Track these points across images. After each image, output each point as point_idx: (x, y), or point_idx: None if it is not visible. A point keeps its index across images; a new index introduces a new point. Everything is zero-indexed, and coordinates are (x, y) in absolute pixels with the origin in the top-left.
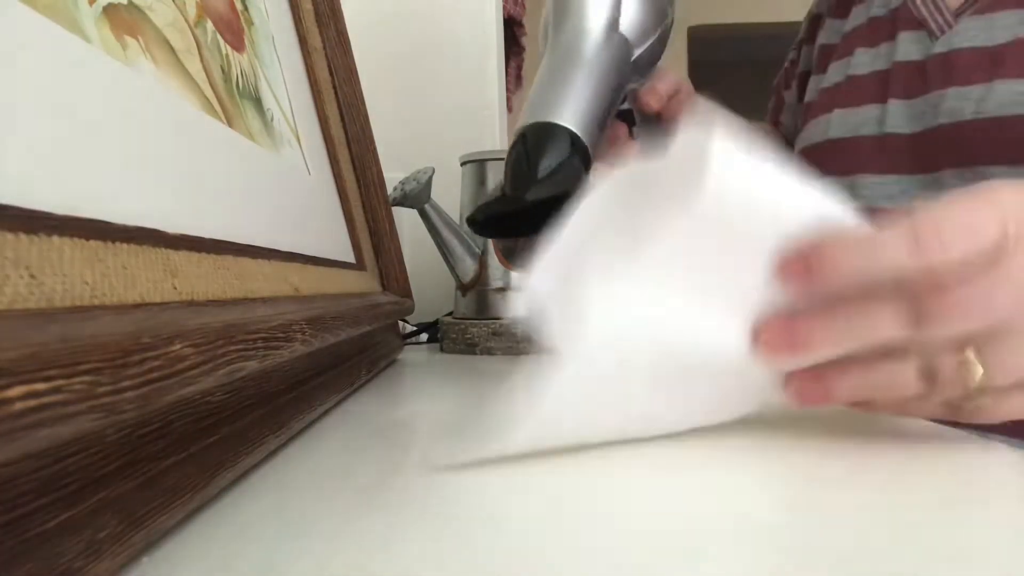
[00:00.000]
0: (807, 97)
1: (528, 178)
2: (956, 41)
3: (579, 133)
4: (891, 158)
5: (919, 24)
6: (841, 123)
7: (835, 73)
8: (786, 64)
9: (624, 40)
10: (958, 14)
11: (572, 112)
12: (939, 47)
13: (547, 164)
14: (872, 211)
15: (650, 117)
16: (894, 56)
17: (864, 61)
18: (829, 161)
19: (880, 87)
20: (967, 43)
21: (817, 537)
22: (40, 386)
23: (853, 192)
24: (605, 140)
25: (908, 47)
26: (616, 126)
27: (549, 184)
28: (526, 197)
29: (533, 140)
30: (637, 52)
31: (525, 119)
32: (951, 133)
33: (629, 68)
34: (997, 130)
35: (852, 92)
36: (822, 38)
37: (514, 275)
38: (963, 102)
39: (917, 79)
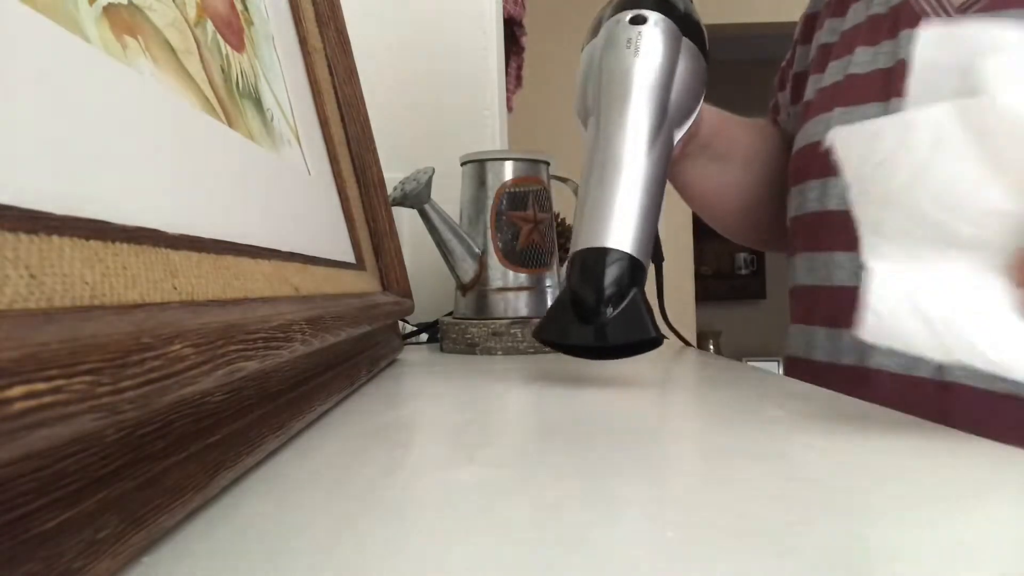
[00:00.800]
0: (806, 96)
1: (600, 332)
2: None
3: (640, 259)
4: None
5: (920, 21)
6: (842, 122)
7: (834, 72)
8: (782, 64)
9: (670, 131)
10: (963, 10)
11: (632, 238)
12: None
13: (622, 323)
14: None
15: None
16: (898, 54)
17: (865, 59)
18: (829, 160)
19: (883, 85)
20: None
21: (815, 537)
22: (40, 386)
23: None
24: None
25: (910, 45)
26: None
27: (622, 333)
28: (598, 345)
29: (597, 273)
30: (680, 135)
31: (585, 240)
32: None
33: (672, 155)
34: None
35: (853, 91)
36: (821, 38)
37: (513, 275)
38: None
39: None
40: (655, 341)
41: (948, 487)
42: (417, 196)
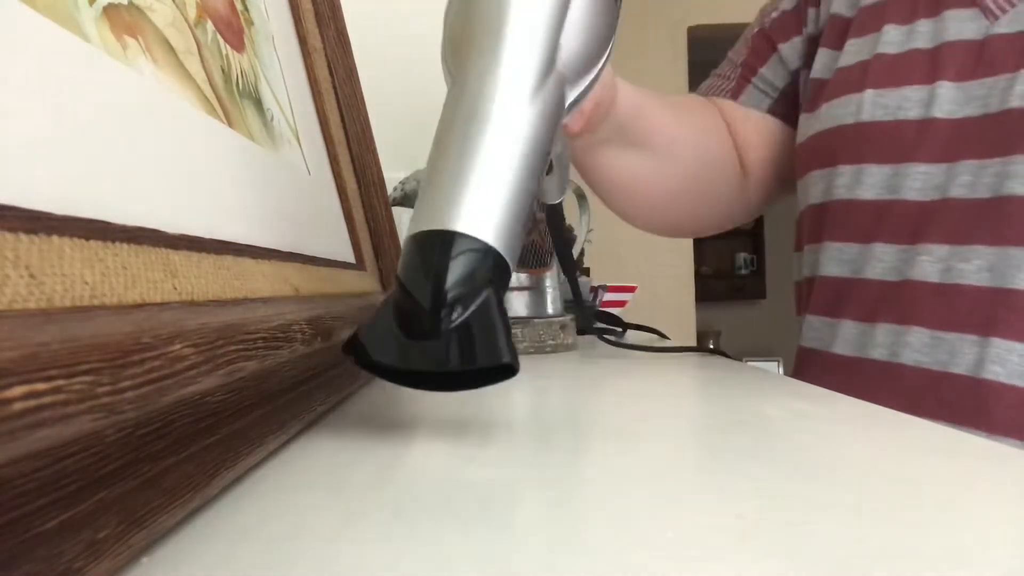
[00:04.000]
0: (816, 72)
1: (435, 352)
2: (1022, 23)
3: (504, 253)
4: (942, 145)
5: (970, 2)
6: (877, 105)
7: (858, 51)
8: (774, 14)
9: (560, 87)
10: None
11: (494, 222)
12: (1003, 28)
13: (468, 341)
14: (922, 205)
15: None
16: (943, 36)
17: (897, 39)
18: (866, 147)
19: (926, 68)
20: None
21: (814, 537)
22: (40, 386)
23: (898, 182)
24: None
25: (960, 26)
26: None
27: (464, 350)
28: (428, 371)
29: (436, 267)
30: (573, 96)
31: (425, 220)
32: None
33: (560, 124)
34: None
35: (886, 72)
36: (834, 7)
37: (513, 275)
38: None
39: (974, 61)
40: (510, 369)
41: (950, 486)
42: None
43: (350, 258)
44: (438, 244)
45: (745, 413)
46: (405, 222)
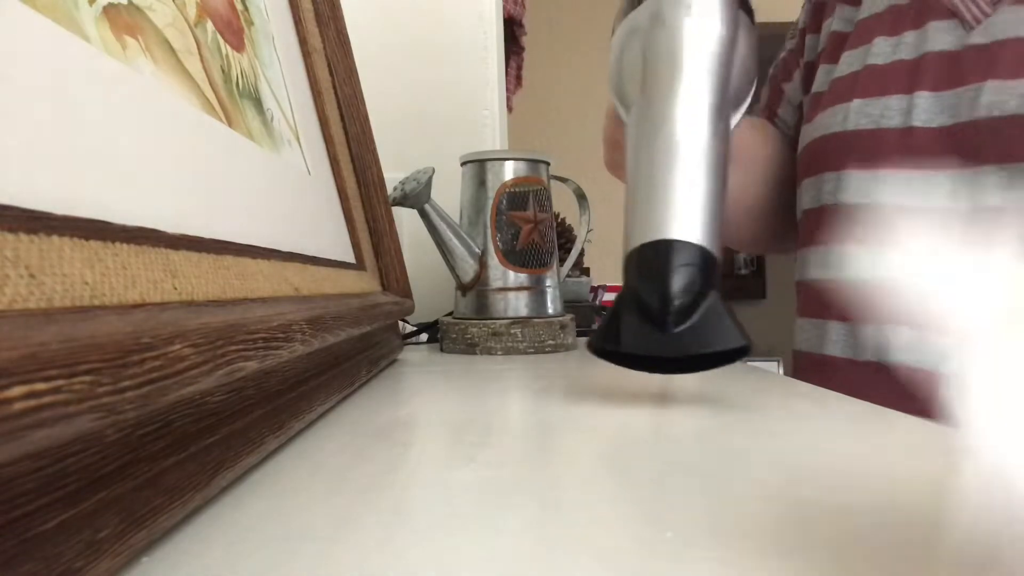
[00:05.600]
0: (816, 87)
1: (678, 340)
2: (997, 32)
3: (713, 252)
4: (919, 153)
5: (950, 13)
6: (861, 113)
7: (851, 62)
8: (783, 54)
9: (728, 114)
10: (995, 3)
11: (701, 227)
12: (977, 37)
13: (705, 330)
14: (898, 209)
15: None
16: (924, 46)
17: (885, 50)
18: (848, 153)
19: (906, 78)
20: (1011, 34)
21: (815, 537)
22: (40, 386)
23: (876, 186)
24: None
25: (939, 37)
26: None
27: (692, 343)
28: (673, 356)
29: (664, 269)
30: (733, 123)
31: (644, 233)
32: (993, 127)
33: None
34: None
35: (873, 82)
36: (834, 25)
37: (513, 275)
38: (1005, 96)
39: (950, 70)
40: (745, 349)
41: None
42: (417, 196)
43: (350, 258)
44: (659, 250)
45: (745, 413)
46: (405, 222)
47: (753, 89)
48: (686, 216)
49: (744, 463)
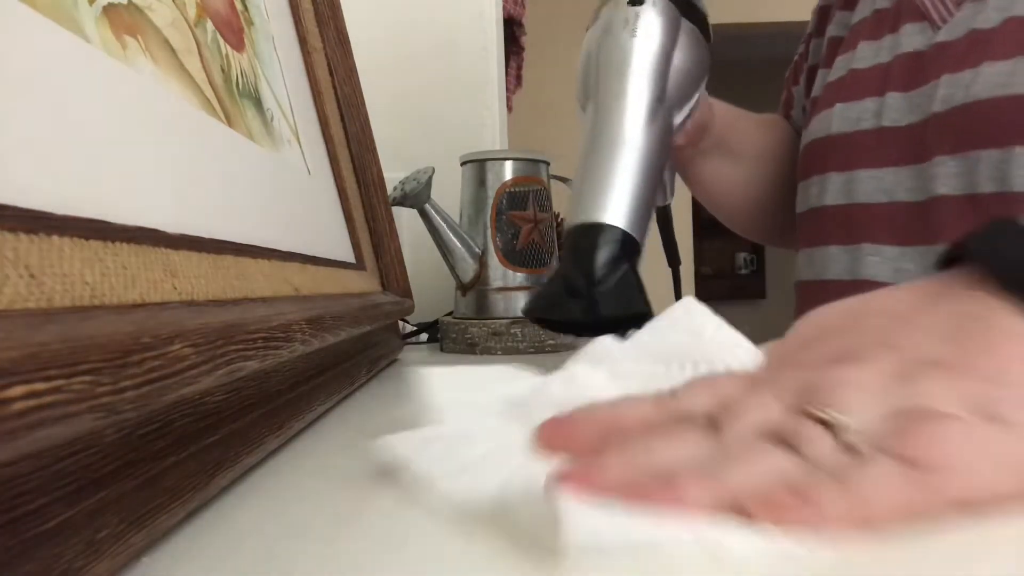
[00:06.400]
0: (814, 92)
1: (591, 306)
2: (957, 30)
3: (635, 236)
4: (887, 151)
5: (922, 15)
6: (842, 118)
7: (839, 67)
8: (795, 58)
9: (669, 113)
10: (960, 2)
11: (626, 213)
12: (941, 36)
13: (613, 297)
14: (870, 208)
15: None
16: (898, 48)
17: (866, 55)
18: (831, 157)
19: (880, 80)
20: (963, 30)
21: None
22: (40, 386)
23: (852, 187)
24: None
25: (911, 39)
26: None
27: (611, 305)
28: (585, 320)
29: (590, 247)
30: (679, 119)
31: (580, 215)
32: (943, 120)
33: (671, 139)
34: (984, 113)
35: (853, 86)
36: (831, 31)
37: (513, 275)
38: (954, 88)
39: (916, 70)
40: (645, 315)
41: None
42: (417, 196)
43: (350, 258)
44: (588, 232)
45: None
46: (405, 222)
47: (700, 89)
48: (613, 203)
49: None
